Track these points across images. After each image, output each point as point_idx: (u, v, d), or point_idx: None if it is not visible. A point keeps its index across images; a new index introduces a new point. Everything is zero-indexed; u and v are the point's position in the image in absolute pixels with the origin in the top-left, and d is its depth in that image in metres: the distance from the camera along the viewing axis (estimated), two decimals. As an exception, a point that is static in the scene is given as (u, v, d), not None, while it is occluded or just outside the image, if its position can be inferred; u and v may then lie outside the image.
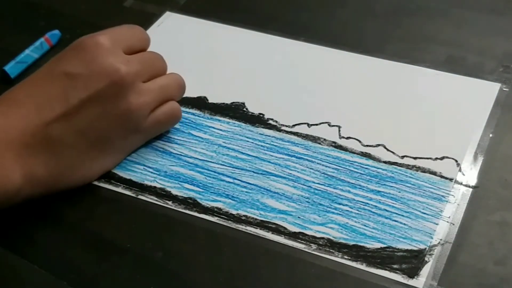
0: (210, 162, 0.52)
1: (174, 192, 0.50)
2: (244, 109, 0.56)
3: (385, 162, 0.51)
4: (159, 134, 0.53)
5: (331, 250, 0.45)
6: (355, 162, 0.51)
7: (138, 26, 0.53)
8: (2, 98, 0.48)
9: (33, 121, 0.47)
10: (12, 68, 0.60)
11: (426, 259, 0.44)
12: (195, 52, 0.62)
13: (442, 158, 0.50)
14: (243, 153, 0.52)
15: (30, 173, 0.46)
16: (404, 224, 0.46)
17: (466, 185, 0.49)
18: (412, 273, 0.44)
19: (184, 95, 0.57)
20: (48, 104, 0.47)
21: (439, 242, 0.45)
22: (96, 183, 0.51)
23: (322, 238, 0.46)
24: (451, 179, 0.49)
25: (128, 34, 0.51)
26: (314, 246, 0.46)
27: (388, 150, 0.51)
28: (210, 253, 0.46)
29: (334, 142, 0.52)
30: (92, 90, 0.47)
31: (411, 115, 0.54)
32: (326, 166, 0.51)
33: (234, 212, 0.48)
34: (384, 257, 0.45)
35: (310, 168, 0.51)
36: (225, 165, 0.51)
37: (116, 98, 0.48)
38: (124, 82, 0.48)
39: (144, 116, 0.50)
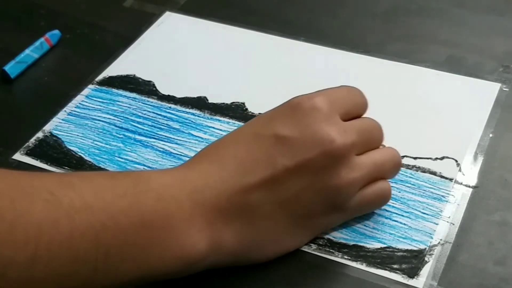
0: (210, 162, 0.52)
1: (174, 192, 0.50)
2: (244, 109, 0.56)
3: (385, 162, 0.51)
4: (361, 214, 0.47)
5: (331, 250, 0.45)
6: (355, 162, 0.51)
7: (356, 88, 0.47)
8: (204, 153, 0.44)
9: (233, 186, 0.41)
10: (12, 68, 0.60)
11: (426, 259, 0.44)
12: (195, 52, 0.62)
13: (442, 158, 0.50)
14: (243, 153, 0.52)
15: (218, 242, 0.41)
16: (404, 224, 0.46)
17: (466, 185, 0.49)
18: (412, 273, 0.44)
19: (184, 95, 0.57)
20: (251, 168, 0.42)
21: (439, 242, 0.45)
22: (96, 183, 0.51)
23: (322, 238, 0.46)
24: (451, 179, 0.49)
25: (347, 97, 0.46)
26: (314, 246, 0.46)
27: (388, 150, 0.51)
28: (210, 253, 0.46)
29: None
30: (301, 158, 0.42)
31: (411, 115, 0.54)
32: (326, 166, 0.51)
33: (234, 212, 0.48)
34: (384, 257, 0.45)
35: (310, 168, 0.51)
36: (225, 165, 0.51)
37: (326, 170, 0.42)
38: (338, 154, 0.42)
39: (352, 193, 0.44)
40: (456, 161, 0.50)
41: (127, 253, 0.39)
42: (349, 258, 0.45)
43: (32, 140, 0.55)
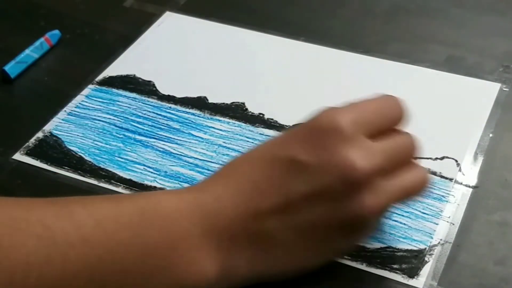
0: (210, 162, 0.52)
1: (174, 192, 0.50)
2: (244, 109, 0.56)
3: (385, 162, 0.50)
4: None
5: (331, 250, 0.45)
6: (355, 162, 0.51)
7: (392, 96, 0.42)
8: (219, 174, 0.42)
9: (247, 211, 0.39)
10: (12, 68, 0.60)
11: (426, 259, 0.44)
12: (195, 52, 0.62)
13: (442, 158, 0.50)
14: (243, 153, 0.52)
15: (228, 268, 0.40)
16: (404, 224, 0.46)
17: (466, 185, 0.49)
18: (412, 273, 0.44)
19: (184, 95, 0.57)
20: (266, 192, 0.39)
21: (439, 242, 0.45)
22: (96, 183, 0.51)
23: (322, 238, 0.46)
24: (451, 179, 0.49)
25: (378, 111, 0.42)
26: (314, 246, 0.46)
27: (388, 150, 0.51)
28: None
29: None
30: (317, 185, 0.39)
31: (411, 115, 0.54)
32: (326, 166, 0.51)
33: (234, 212, 0.48)
34: (384, 257, 0.45)
35: (310, 168, 0.50)
36: (225, 165, 0.51)
37: (346, 197, 0.39)
38: (358, 181, 0.38)
39: (376, 220, 0.42)
40: (456, 161, 0.50)
41: (126, 284, 0.38)
42: (349, 258, 0.45)
43: (32, 140, 0.55)
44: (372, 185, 0.39)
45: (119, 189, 0.50)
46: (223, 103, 0.56)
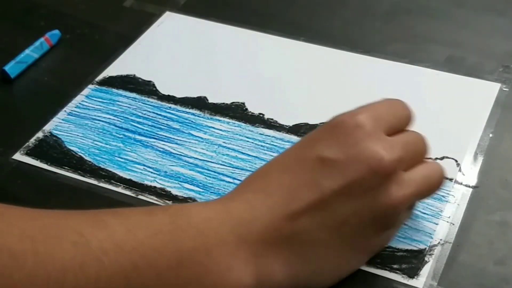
0: (210, 162, 0.52)
1: (174, 192, 0.50)
2: (244, 109, 0.56)
3: (385, 162, 0.50)
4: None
5: (331, 250, 0.45)
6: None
7: (400, 100, 0.45)
8: (247, 182, 0.42)
9: (280, 214, 0.40)
10: (12, 68, 0.60)
11: (426, 259, 0.44)
12: (195, 52, 0.62)
13: (442, 158, 0.50)
14: (243, 153, 0.52)
15: (265, 275, 0.39)
16: (404, 224, 0.46)
17: (466, 185, 0.49)
18: (412, 273, 0.44)
19: (184, 95, 0.57)
20: (297, 193, 0.40)
21: (439, 242, 0.45)
22: (96, 183, 0.51)
23: (322, 238, 0.46)
24: (451, 179, 0.49)
25: (390, 111, 0.43)
26: (314, 246, 0.46)
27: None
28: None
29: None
30: (347, 179, 0.40)
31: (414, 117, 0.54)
32: (326, 166, 0.51)
33: (234, 212, 0.48)
34: (384, 257, 0.45)
35: (310, 168, 0.50)
36: (225, 165, 0.51)
37: (375, 190, 0.40)
38: (386, 172, 0.40)
39: (403, 210, 0.42)
40: (456, 161, 0.50)
41: None
42: (349, 258, 0.45)
43: (32, 140, 0.55)
44: (397, 176, 0.40)
45: (119, 189, 0.50)
46: (223, 103, 0.56)
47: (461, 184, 0.49)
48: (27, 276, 0.35)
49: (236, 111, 0.56)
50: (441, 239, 0.45)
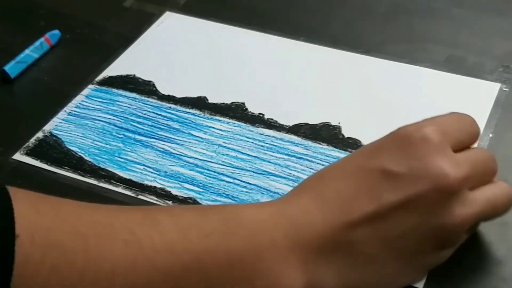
0: (210, 162, 0.52)
1: (174, 192, 0.50)
2: (244, 109, 0.56)
3: (385, 162, 0.50)
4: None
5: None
6: (355, 162, 0.51)
7: (468, 115, 0.43)
8: (304, 187, 0.42)
9: (335, 222, 0.39)
10: (12, 68, 0.60)
11: (426, 259, 0.44)
12: (195, 52, 0.62)
13: (442, 158, 0.50)
14: (243, 153, 0.52)
15: (315, 282, 0.39)
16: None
17: (466, 185, 0.49)
18: (412, 273, 0.44)
19: (184, 95, 0.57)
20: (355, 202, 0.39)
21: (439, 242, 0.45)
22: (96, 183, 0.51)
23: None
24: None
25: (458, 126, 0.42)
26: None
27: (388, 150, 0.51)
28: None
29: (334, 142, 0.52)
30: (408, 194, 0.38)
31: (411, 115, 0.53)
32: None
33: (234, 212, 0.48)
34: (384, 257, 0.45)
35: (310, 168, 0.51)
36: (225, 165, 0.51)
37: (437, 207, 0.39)
38: (451, 190, 0.38)
39: (464, 231, 0.40)
40: (456, 161, 0.50)
41: None
42: (349, 258, 0.45)
43: (32, 140, 0.55)
44: (462, 195, 0.39)
45: (119, 189, 0.50)
46: (223, 103, 0.56)
47: (461, 184, 0.49)
48: (77, 273, 0.34)
49: (236, 111, 0.56)
50: (441, 239, 0.45)
